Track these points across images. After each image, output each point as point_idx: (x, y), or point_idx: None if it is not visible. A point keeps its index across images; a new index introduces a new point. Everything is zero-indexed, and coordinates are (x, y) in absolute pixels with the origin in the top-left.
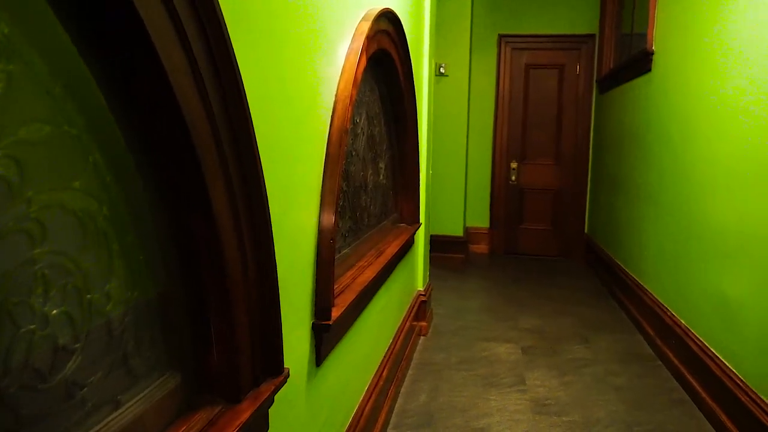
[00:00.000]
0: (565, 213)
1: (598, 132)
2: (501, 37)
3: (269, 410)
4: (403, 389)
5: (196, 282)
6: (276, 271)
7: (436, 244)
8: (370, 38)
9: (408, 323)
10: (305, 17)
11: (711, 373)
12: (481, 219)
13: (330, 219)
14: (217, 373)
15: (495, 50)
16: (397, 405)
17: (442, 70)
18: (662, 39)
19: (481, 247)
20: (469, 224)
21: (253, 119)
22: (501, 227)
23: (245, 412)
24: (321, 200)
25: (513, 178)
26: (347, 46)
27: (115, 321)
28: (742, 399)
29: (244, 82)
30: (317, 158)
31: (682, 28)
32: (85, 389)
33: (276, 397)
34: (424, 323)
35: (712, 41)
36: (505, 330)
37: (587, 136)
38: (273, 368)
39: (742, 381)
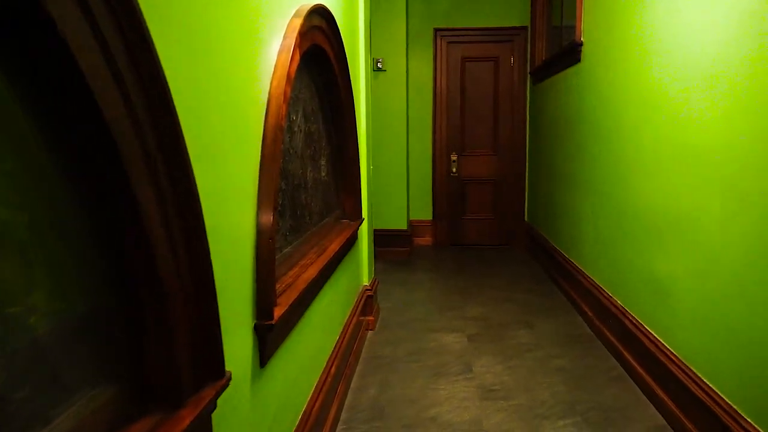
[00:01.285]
0: (505, 202)
1: (534, 122)
2: (436, 31)
3: (212, 415)
4: (352, 384)
5: (127, 289)
6: (212, 274)
7: (381, 238)
8: (303, 34)
9: (355, 318)
10: (233, 14)
11: (646, 348)
12: (424, 212)
13: (268, 218)
14: (155, 381)
15: (431, 44)
16: (347, 401)
17: (379, 65)
18: (590, 31)
19: (425, 240)
20: (412, 217)
21: (181, 120)
22: (444, 219)
23: (186, 419)
24: (258, 200)
25: (454, 170)
26: (279, 43)
27: (42, 334)
28: (675, 372)
29: (170, 84)
30: (252, 157)
31: (608, 20)
32: (13, 406)
33: (219, 401)
34: (371, 318)
35: (636, 32)
36: (452, 320)
37: (523, 126)
38: (214, 372)
39: (674, 354)
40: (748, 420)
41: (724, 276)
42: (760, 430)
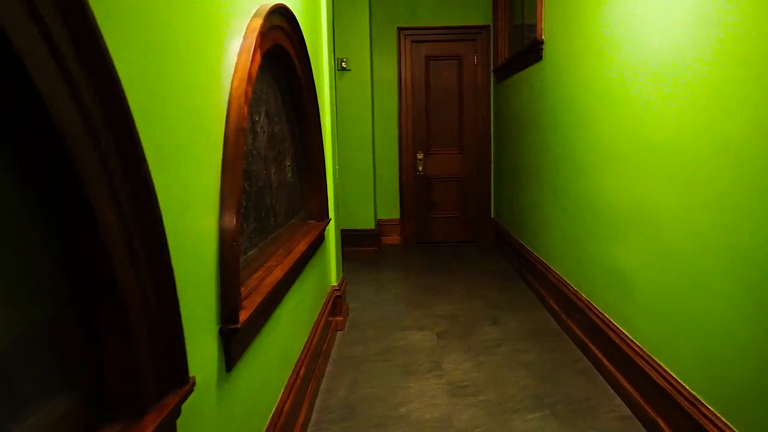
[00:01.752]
0: (471, 199)
1: (498, 119)
2: (400, 30)
3: (177, 422)
4: (322, 386)
5: (86, 297)
6: (173, 280)
7: (350, 238)
8: (264, 34)
9: (323, 319)
10: (192, 15)
11: (610, 340)
12: (391, 211)
13: (231, 221)
14: (117, 389)
15: (395, 43)
16: (317, 402)
17: (344, 64)
18: (550, 29)
19: (393, 239)
20: (380, 216)
21: (139, 124)
22: (412, 217)
23: (148, 427)
24: (221, 202)
25: (420, 168)
26: (239, 44)
27: None
28: (638, 362)
29: (126, 87)
30: (214, 160)
31: (568, 19)
32: None
33: (183, 407)
34: (340, 318)
35: (595, 30)
36: (420, 318)
37: (488, 124)
38: (177, 379)
39: (637, 345)
40: (709, 407)
41: (683, 268)
42: (720, 416)
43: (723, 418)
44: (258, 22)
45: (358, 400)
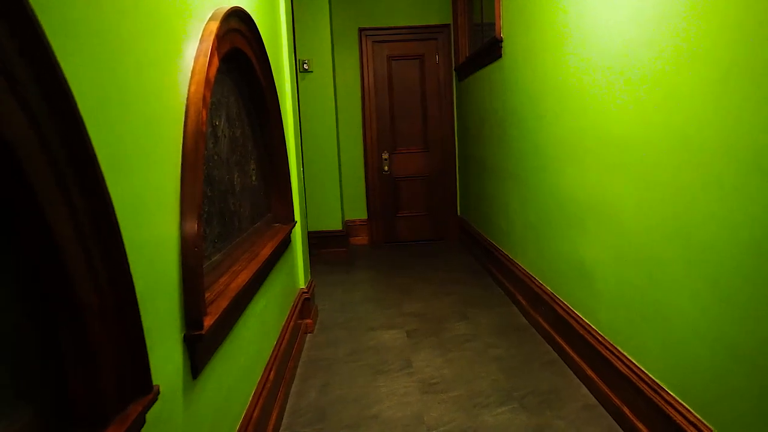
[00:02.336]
0: (437, 198)
1: (461, 117)
2: (361, 30)
3: (142, 431)
4: (293, 388)
5: (42, 308)
6: (133, 287)
7: (318, 240)
8: (221, 38)
9: (292, 322)
10: (147, 19)
11: (575, 332)
12: (359, 211)
13: (192, 226)
14: (78, 401)
15: (357, 44)
16: (288, 405)
17: (306, 66)
18: (509, 27)
19: (361, 239)
20: (348, 217)
21: (92, 130)
22: (379, 217)
23: None
24: (181, 208)
25: (386, 168)
26: (196, 47)
27: None
28: (602, 352)
29: (78, 95)
30: (173, 165)
31: (526, 16)
32: None
33: (148, 416)
34: (309, 320)
35: (552, 27)
36: (390, 317)
37: (451, 122)
38: (141, 387)
39: (600, 335)
40: (670, 393)
41: (642, 259)
42: (681, 401)
43: (683, 402)
44: (214, 26)
45: (329, 402)
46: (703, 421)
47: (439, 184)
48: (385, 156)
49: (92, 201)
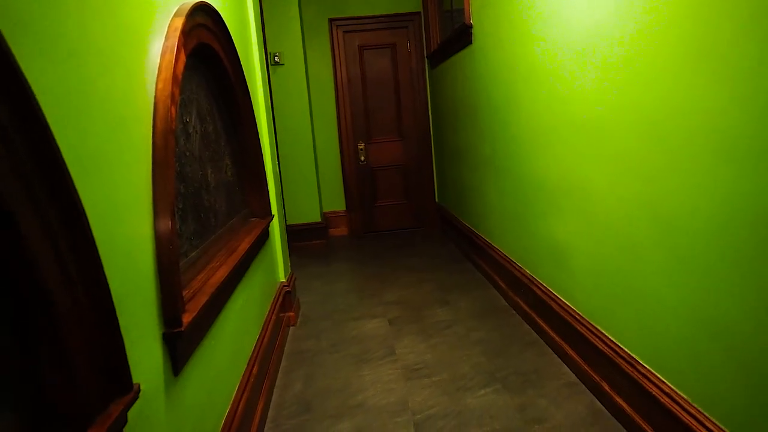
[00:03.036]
0: (415, 186)
1: (435, 105)
2: (331, 21)
3: (124, 429)
4: (278, 382)
5: (17, 315)
6: (107, 286)
7: (297, 233)
8: (187, 33)
9: (274, 316)
10: (107, 18)
11: (554, 312)
12: (337, 202)
13: (166, 224)
14: (57, 402)
15: (327, 35)
16: (273, 398)
17: (277, 59)
18: (478, 13)
19: (341, 230)
20: (326, 209)
21: (58, 131)
22: (357, 208)
23: None
24: (154, 206)
25: (362, 158)
26: (161, 44)
27: None
28: (580, 330)
29: (42, 96)
30: (144, 164)
31: (495, 1)
32: None
33: (130, 415)
34: (291, 313)
35: (521, 11)
36: (372, 306)
37: (426, 110)
38: (120, 387)
39: (578, 314)
40: (646, 366)
41: (614, 238)
42: (656, 373)
43: (658, 375)
44: (179, 22)
45: (314, 393)
46: (677, 390)
47: (415, 172)
48: (361, 146)
49: (61, 203)
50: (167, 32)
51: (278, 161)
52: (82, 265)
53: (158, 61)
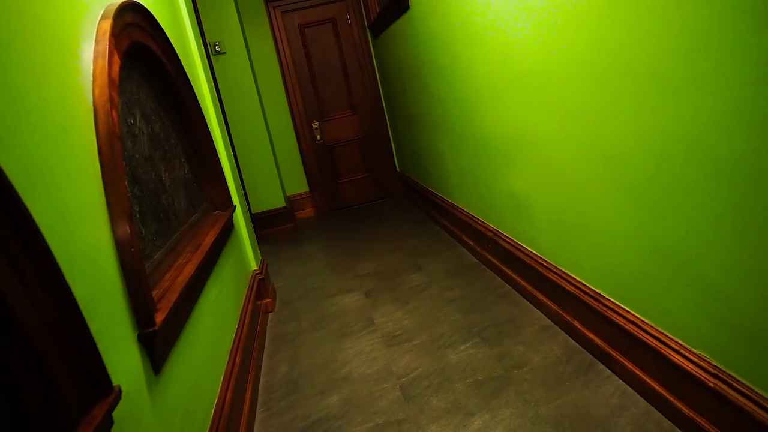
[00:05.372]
0: (375, 158)
1: (383, 75)
2: (267, 2)
3: (112, 431)
4: (263, 368)
5: None
6: (72, 296)
7: (264, 220)
8: (118, 35)
9: (250, 305)
10: (35, 28)
11: (521, 261)
12: (299, 185)
13: (125, 228)
14: (39, 412)
15: (266, 17)
16: (261, 384)
17: (217, 48)
18: None
19: (307, 212)
20: (289, 193)
21: None
22: (320, 187)
23: None
24: (109, 212)
25: (318, 137)
26: (92, 49)
27: None
28: (547, 274)
29: None
30: (92, 171)
31: None
32: None
33: (116, 416)
34: (268, 300)
35: None
36: (346, 281)
37: (375, 81)
38: (101, 390)
39: (543, 259)
40: (610, 299)
41: (569, 182)
42: (620, 304)
43: (622, 305)
44: (107, 24)
45: (299, 373)
46: (640, 317)
47: (373, 144)
48: (316, 125)
49: (10, 216)
50: (96, 36)
51: (233, 151)
52: (40, 275)
53: (92, 66)
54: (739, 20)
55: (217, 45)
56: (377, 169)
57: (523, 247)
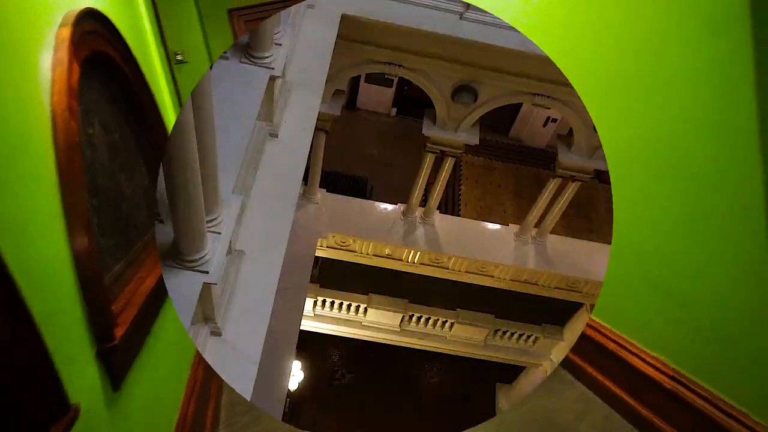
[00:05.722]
0: None
1: None
2: (231, 12)
3: None
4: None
5: None
6: (27, 311)
7: None
8: (76, 43)
9: None
10: None
11: None
12: None
13: (83, 240)
14: None
15: (229, 27)
16: (223, 398)
17: (179, 57)
18: None
19: None
20: None
21: None
22: None
23: None
24: (67, 225)
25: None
26: (51, 57)
27: None
28: None
29: None
30: (49, 182)
31: None
32: None
33: None
34: None
35: None
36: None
37: None
38: (58, 409)
39: None
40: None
41: None
42: None
43: None
44: (67, 32)
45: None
46: None
47: None
48: None
49: None
50: (55, 44)
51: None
52: None
53: (50, 75)
54: None
55: (178, 54)
56: None
57: None
